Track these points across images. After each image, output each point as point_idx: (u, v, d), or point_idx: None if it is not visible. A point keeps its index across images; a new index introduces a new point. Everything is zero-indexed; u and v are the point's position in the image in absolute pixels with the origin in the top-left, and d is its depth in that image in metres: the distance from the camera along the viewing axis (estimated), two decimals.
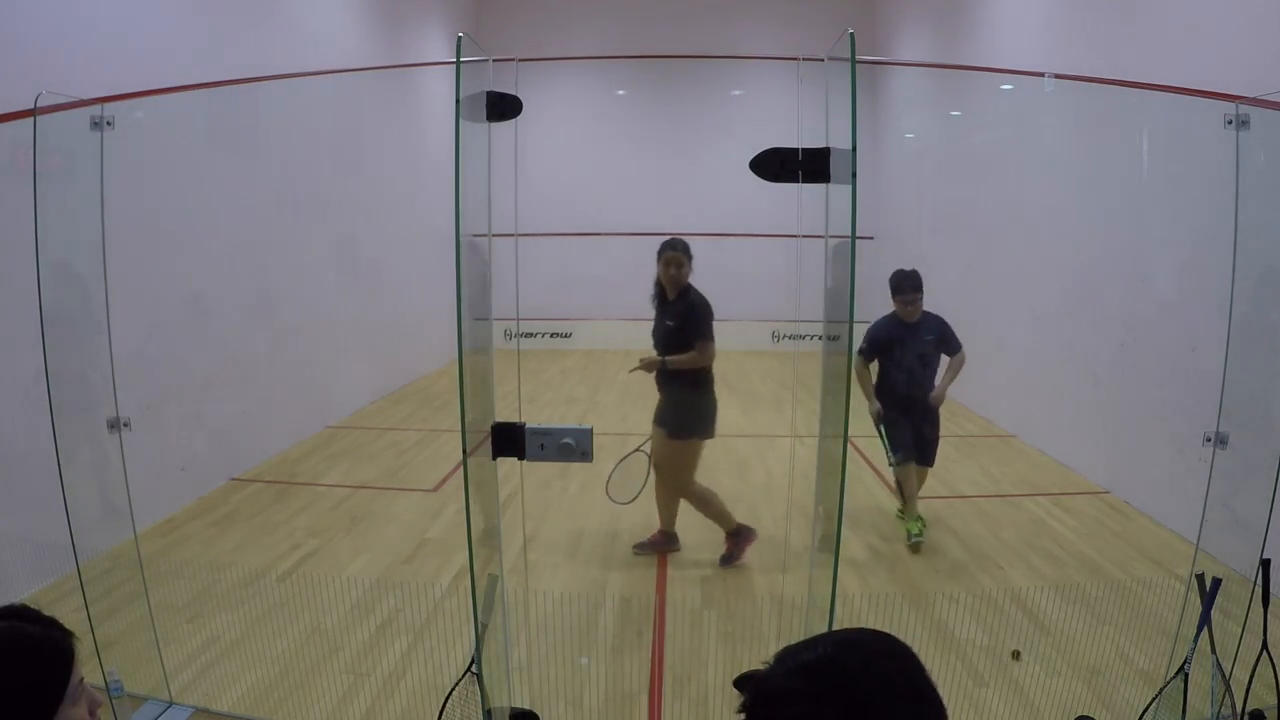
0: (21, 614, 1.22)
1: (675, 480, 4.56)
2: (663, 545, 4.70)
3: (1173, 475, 5.03)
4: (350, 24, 8.67)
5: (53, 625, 1.24)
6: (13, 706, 1.13)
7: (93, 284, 3.02)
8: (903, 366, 4.82)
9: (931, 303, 4.87)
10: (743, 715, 0.97)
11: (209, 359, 5.78)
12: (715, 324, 4.47)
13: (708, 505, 4.60)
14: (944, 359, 4.98)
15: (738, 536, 4.56)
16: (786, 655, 0.98)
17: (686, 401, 4.47)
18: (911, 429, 4.84)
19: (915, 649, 0.99)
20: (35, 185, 2.73)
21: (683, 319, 4.41)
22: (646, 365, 4.46)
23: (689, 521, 4.72)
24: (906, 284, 4.76)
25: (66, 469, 2.87)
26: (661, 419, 4.51)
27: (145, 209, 4.79)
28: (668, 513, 4.70)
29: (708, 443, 4.58)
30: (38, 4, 4.26)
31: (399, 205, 9.37)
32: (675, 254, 4.43)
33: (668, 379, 4.49)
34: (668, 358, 4.42)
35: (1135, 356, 5.61)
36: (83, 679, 1.24)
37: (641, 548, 4.70)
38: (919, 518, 4.87)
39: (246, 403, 6.23)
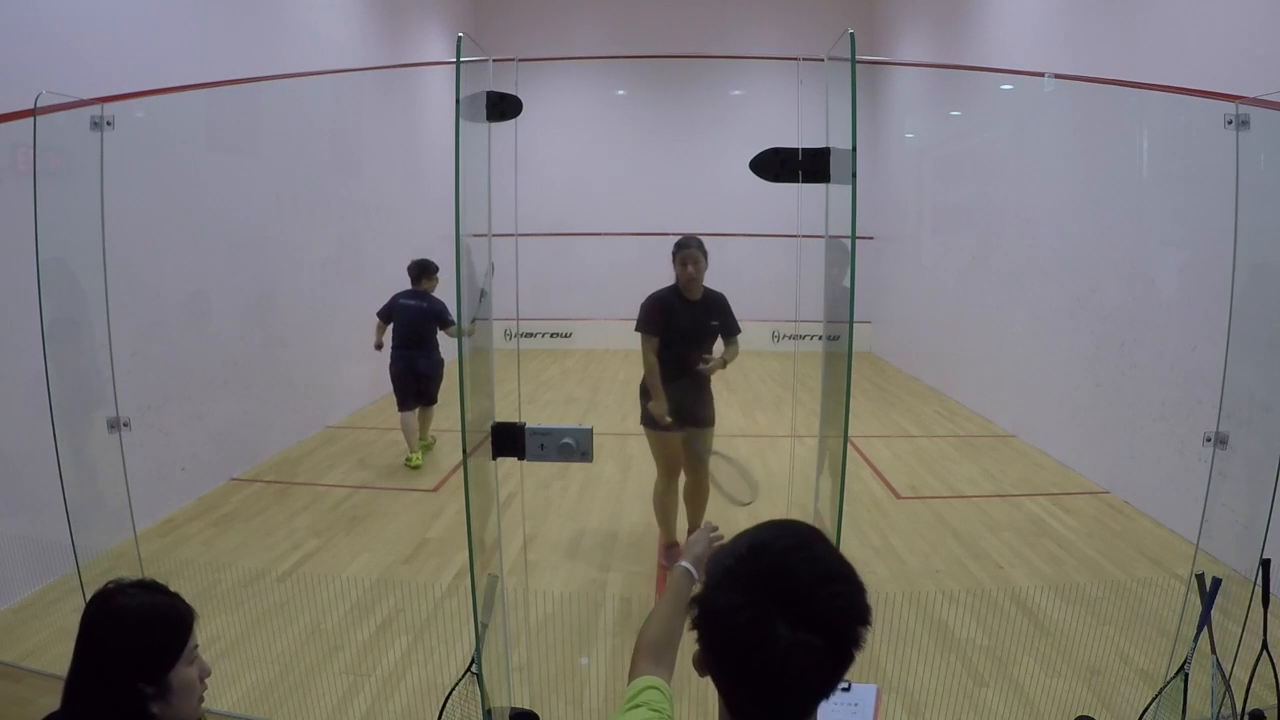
0: (153, 586, 1.49)
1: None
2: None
3: (1173, 475, 5.03)
4: (350, 24, 8.67)
5: (177, 598, 1.50)
6: (143, 657, 1.41)
7: (93, 284, 3.02)
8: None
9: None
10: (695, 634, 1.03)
11: (209, 359, 5.78)
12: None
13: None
14: None
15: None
16: (714, 568, 1.04)
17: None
18: None
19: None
20: (35, 185, 2.74)
21: (726, 314, 4.39)
22: (719, 365, 4.35)
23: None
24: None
25: (66, 469, 2.87)
26: (711, 418, 4.46)
27: (145, 209, 4.80)
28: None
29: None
30: (38, 4, 4.26)
31: (399, 205, 9.37)
32: (691, 251, 4.25)
33: (707, 378, 4.41)
34: (725, 357, 4.39)
35: (1135, 356, 5.61)
36: (197, 645, 1.49)
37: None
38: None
39: (246, 403, 6.23)
